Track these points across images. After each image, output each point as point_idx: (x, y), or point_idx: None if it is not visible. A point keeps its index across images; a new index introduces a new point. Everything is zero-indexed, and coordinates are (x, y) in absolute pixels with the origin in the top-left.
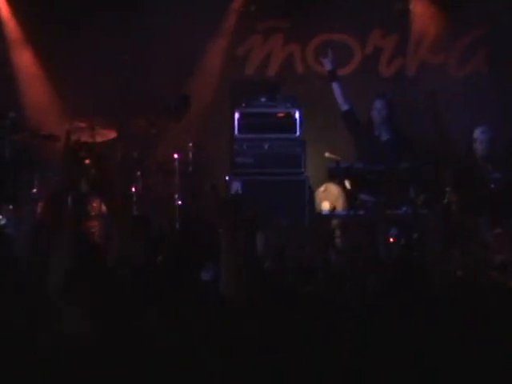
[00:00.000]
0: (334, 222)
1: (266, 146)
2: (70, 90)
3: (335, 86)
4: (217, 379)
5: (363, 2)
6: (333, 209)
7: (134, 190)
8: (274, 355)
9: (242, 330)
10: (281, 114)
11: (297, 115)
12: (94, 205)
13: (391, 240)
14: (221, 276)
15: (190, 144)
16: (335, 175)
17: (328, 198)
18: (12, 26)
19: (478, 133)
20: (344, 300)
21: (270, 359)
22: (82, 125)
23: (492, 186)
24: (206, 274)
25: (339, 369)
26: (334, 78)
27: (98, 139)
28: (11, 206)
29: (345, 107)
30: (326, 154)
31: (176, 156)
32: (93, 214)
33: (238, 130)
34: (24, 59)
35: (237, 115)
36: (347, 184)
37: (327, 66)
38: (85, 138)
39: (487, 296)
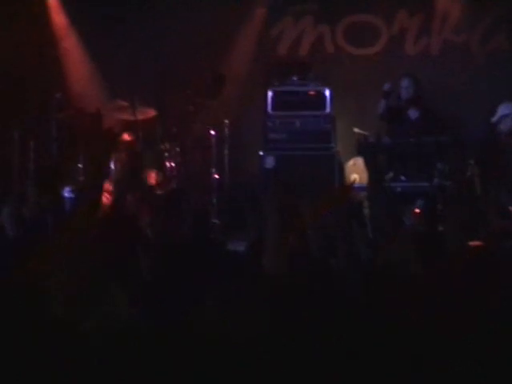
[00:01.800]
0: (362, 194)
1: (298, 123)
2: (112, 71)
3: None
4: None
5: None
6: (353, 181)
7: (173, 164)
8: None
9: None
10: (312, 92)
11: (327, 93)
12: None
13: (417, 211)
14: (265, 253)
15: (226, 121)
16: (363, 149)
17: (357, 172)
18: (58, 12)
19: (505, 109)
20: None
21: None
22: (124, 103)
23: None
24: (238, 245)
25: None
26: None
27: (139, 117)
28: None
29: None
30: (355, 130)
31: (212, 132)
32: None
33: (272, 107)
34: (69, 42)
35: (270, 93)
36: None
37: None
38: (126, 116)
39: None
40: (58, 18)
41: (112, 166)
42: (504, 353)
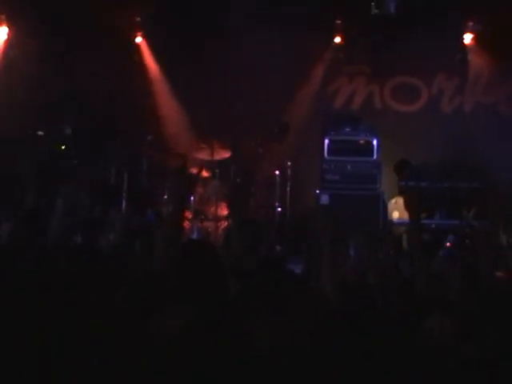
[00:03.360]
0: (402, 228)
1: (350, 167)
2: (196, 117)
3: None
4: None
5: (430, 51)
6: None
7: None
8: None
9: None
10: (362, 141)
11: (375, 142)
12: (212, 208)
13: (448, 245)
14: (315, 274)
15: (289, 163)
16: (404, 190)
17: (398, 209)
18: (153, 66)
19: None
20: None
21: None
22: (204, 145)
23: None
24: (297, 267)
25: None
26: None
27: (216, 157)
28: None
29: None
30: None
31: (277, 172)
32: (210, 216)
33: (327, 153)
34: (163, 92)
35: (326, 141)
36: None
37: None
38: (205, 156)
39: None
40: (153, 70)
41: (191, 197)
42: None
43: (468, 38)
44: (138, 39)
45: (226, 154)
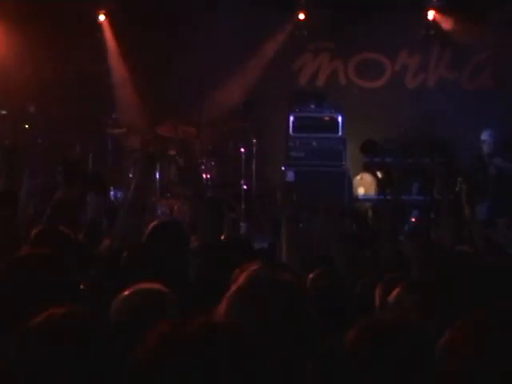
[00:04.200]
0: (368, 204)
1: (315, 143)
2: (161, 94)
3: None
4: None
5: (393, 27)
6: None
7: (208, 176)
8: None
9: None
10: (327, 118)
11: (339, 119)
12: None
13: (413, 219)
14: (278, 247)
15: (254, 140)
16: (369, 167)
17: (363, 185)
18: (112, 46)
19: (486, 134)
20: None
21: None
22: (168, 123)
23: (494, 172)
24: (261, 243)
25: None
26: None
27: (180, 134)
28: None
29: None
30: None
31: (242, 150)
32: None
33: (292, 129)
34: (120, 72)
35: (291, 118)
36: (379, 174)
37: None
38: (169, 132)
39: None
40: (112, 50)
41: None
42: None
43: (431, 14)
44: (102, 17)
45: (191, 131)
